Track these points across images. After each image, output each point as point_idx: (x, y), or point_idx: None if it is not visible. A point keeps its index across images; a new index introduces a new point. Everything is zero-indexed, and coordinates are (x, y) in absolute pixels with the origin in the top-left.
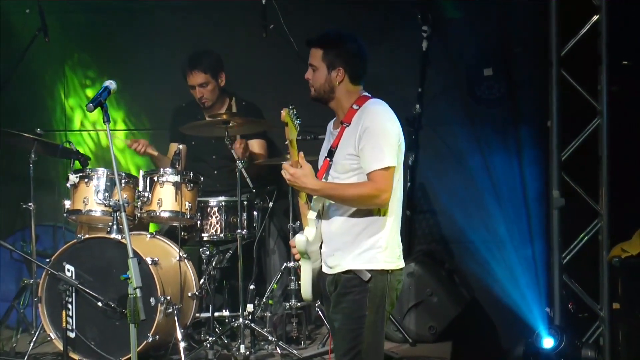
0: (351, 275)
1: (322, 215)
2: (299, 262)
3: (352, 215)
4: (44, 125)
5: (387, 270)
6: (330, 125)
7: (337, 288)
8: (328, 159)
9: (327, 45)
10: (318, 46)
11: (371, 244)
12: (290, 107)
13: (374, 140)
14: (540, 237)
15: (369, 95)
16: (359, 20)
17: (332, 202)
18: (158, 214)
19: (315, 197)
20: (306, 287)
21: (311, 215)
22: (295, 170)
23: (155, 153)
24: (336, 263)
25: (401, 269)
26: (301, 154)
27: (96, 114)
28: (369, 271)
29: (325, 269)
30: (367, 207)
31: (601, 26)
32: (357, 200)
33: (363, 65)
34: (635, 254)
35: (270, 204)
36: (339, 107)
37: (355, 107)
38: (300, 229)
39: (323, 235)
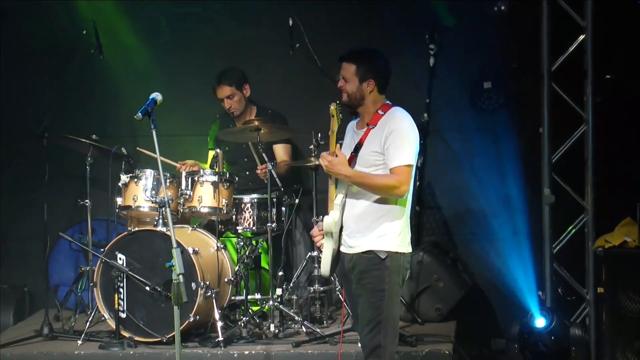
0: (371, 255)
1: (345, 202)
2: (320, 243)
3: (373, 204)
4: (98, 132)
5: (400, 253)
6: (354, 125)
7: (356, 267)
8: (354, 154)
9: (360, 61)
10: (351, 61)
11: (387, 230)
12: (337, 102)
13: (399, 141)
14: (533, 230)
15: (391, 103)
16: (375, 40)
17: (355, 190)
18: (198, 209)
19: (339, 185)
20: (326, 264)
21: (337, 200)
22: (332, 158)
23: (197, 169)
24: (357, 244)
25: (410, 253)
26: (338, 144)
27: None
28: (385, 252)
29: (344, 249)
30: (388, 196)
31: (587, 45)
32: (381, 188)
33: (389, 77)
34: (617, 244)
35: (297, 201)
36: (365, 112)
37: (380, 112)
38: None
39: (345, 219)
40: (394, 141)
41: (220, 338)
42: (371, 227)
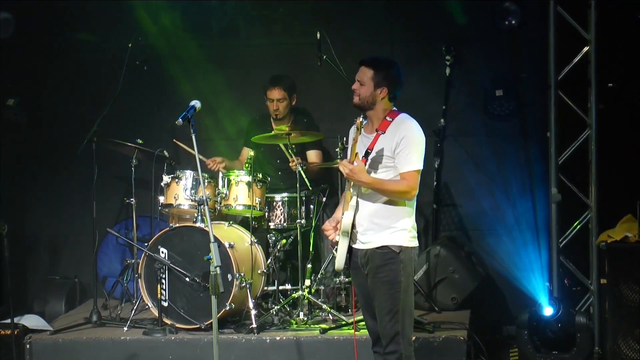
0: (386, 250)
1: (358, 203)
2: (335, 239)
3: (383, 204)
4: (142, 136)
5: (411, 247)
6: (359, 129)
7: (370, 261)
8: (364, 158)
9: (379, 68)
10: (370, 67)
11: (399, 226)
12: (362, 116)
13: (409, 147)
14: (542, 226)
15: (398, 110)
16: (396, 52)
17: (365, 192)
18: (234, 207)
19: (352, 187)
20: (341, 259)
21: (352, 202)
22: (353, 167)
23: (225, 165)
24: (369, 240)
25: (417, 247)
26: (357, 152)
27: None
28: (399, 246)
29: (357, 245)
30: (399, 199)
31: (591, 56)
32: (394, 193)
33: (401, 88)
34: (619, 239)
35: (324, 199)
36: (375, 117)
37: (389, 119)
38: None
39: (358, 217)
40: (405, 147)
41: (254, 325)
42: (384, 224)
